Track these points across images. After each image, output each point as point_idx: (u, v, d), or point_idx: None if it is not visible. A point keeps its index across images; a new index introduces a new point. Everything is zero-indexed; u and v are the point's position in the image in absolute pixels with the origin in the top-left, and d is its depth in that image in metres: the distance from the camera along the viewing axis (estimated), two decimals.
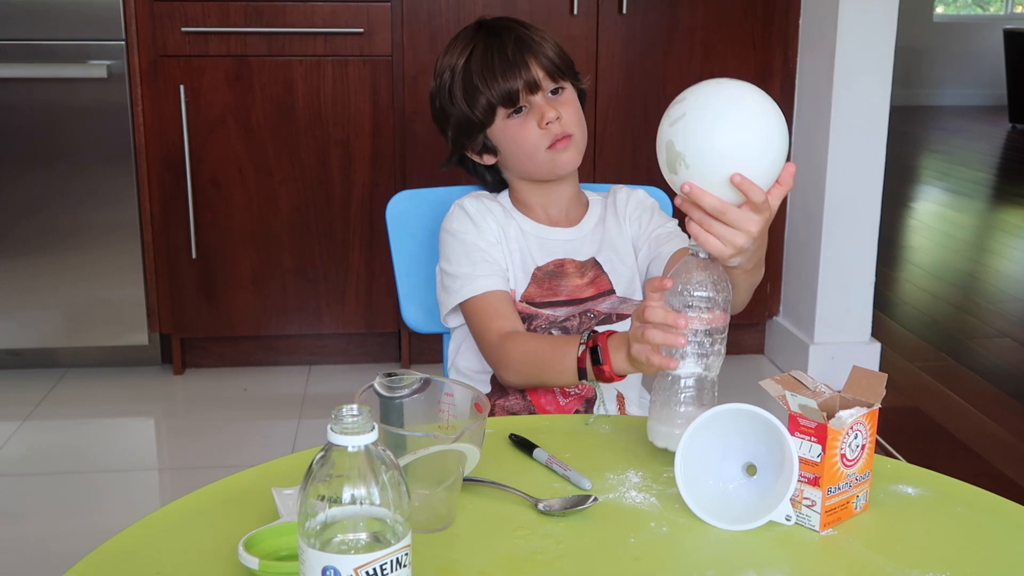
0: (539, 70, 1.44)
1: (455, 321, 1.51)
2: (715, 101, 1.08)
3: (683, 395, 1.10)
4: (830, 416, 0.97)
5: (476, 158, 1.52)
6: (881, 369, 3.09)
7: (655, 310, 1.08)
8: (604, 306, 1.48)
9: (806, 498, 0.98)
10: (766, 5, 2.94)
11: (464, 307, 1.45)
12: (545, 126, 1.43)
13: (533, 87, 1.44)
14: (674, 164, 1.08)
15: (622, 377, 1.24)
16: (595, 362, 1.24)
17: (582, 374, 1.27)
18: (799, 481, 0.97)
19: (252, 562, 0.85)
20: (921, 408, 2.95)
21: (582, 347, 1.26)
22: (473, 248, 1.46)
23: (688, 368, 1.09)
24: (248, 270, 2.97)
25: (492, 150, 1.50)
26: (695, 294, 1.08)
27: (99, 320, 2.94)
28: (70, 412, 2.83)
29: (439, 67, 1.51)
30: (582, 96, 1.52)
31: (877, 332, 3.14)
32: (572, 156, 1.47)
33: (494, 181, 1.56)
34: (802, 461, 0.97)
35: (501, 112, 1.45)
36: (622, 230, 1.53)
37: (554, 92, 1.46)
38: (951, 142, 8.25)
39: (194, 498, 1.02)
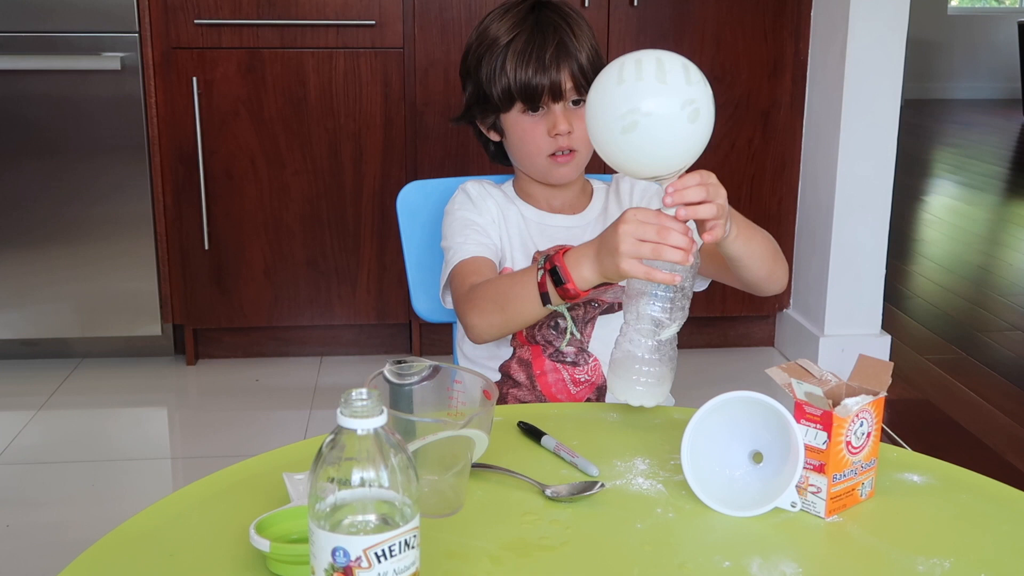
0: (568, 79, 1.43)
1: (451, 300, 1.51)
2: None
3: (645, 353, 1.13)
4: (836, 404, 0.98)
5: (483, 129, 1.54)
6: (891, 361, 3.10)
7: (674, 234, 1.10)
8: (608, 295, 1.48)
9: (811, 485, 0.98)
10: None
11: (451, 275, 1.45)
12: (554, 136, 1.44)
13: (557, 95, 1.44)
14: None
15: (587, 292, 1.23)
16: (557, 283, 1.22)
17: (545, 299, 1.24)
18: (804, 468, 0.98)
19: (263, 544, 0.86)
20: (931, 400, 2.94)
21: (540, 272, 1.24)
22: (468, 222, 1.47)
23: (644, 325, 1.13)
24: (260, 261, 2.98)
25: (501, 131, 1.51)
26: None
27: (113, 311, 2.96)
28: (84, 402, 2.85)
29: (484, 27, 1.49)
30: None
31: (888, 325, 3.14)
32: (569, 172, 1.48)
33: (497, 153, 1.57)
34: (808, 448, 0.98)
35: (518, 105, 1.45)
36: None
37: (575, 102, 1.46)
38: (965, 135, 8.21)
39: (206, 483, 1.04)
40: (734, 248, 1.25)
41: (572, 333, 1.45)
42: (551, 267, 1.23)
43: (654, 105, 1.08)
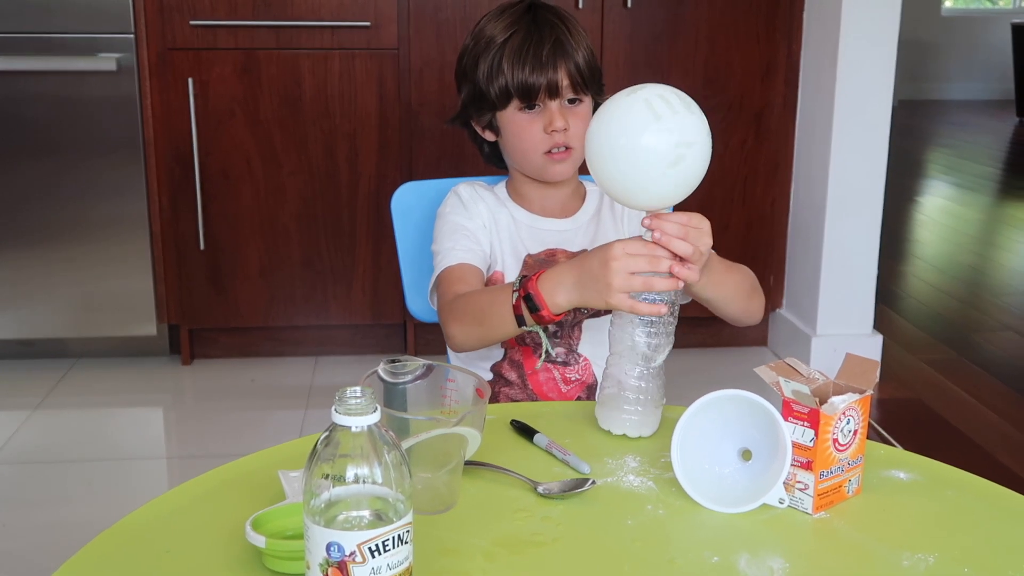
0: (565, 77, 1.45)
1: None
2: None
3: (632, 383, 1.15)
4: (823, 402, 1.00)
5: (479, 129, 1.55)
6: (884, 361, 3.12)
7: (666, 262, 1.13)
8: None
9: (799, 482, 1.00)
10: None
11: (438, 279, 1.47)
12: (550, 132, 1.45)
13: (554, 92, 1.45)
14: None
15: (562, 316, 1.25)
16: (531, 309, 1.24)
17: (520, 321, 1.26)
18: (792, 465, 1.00)
19: (259, 540, 0.87)
20: (923, 400, 2.96)
21: (515, 294, 1.25)
22: (457, 227, 1.49)
23: (630, 357, 1.15)
24: (256, 261, 2.99)
25: (496, 130, 1.52)
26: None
27: (108, 311, 2.97)
28: (80, 402, 2.86)
29: (480, 28, 1.51)
30: None
31: (881, 325, 3.16)
32: (566, 169, 1.49)
33: (491, 154, 1.58)
34: (795, 446, 1.00)
35: (515, 103, 1.47)
36: (618, 227, 1.54)
37: (571, 101, 1.47)
38: (958, 136, 8.24)
39: (202, 480, 1.05)
40: (706, 292, 1.29)
41: (548, 351, 1.46)
42: (526, 293, 1.24)
43: (694, 135, 1.13)
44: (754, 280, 1.39)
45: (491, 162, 1.59)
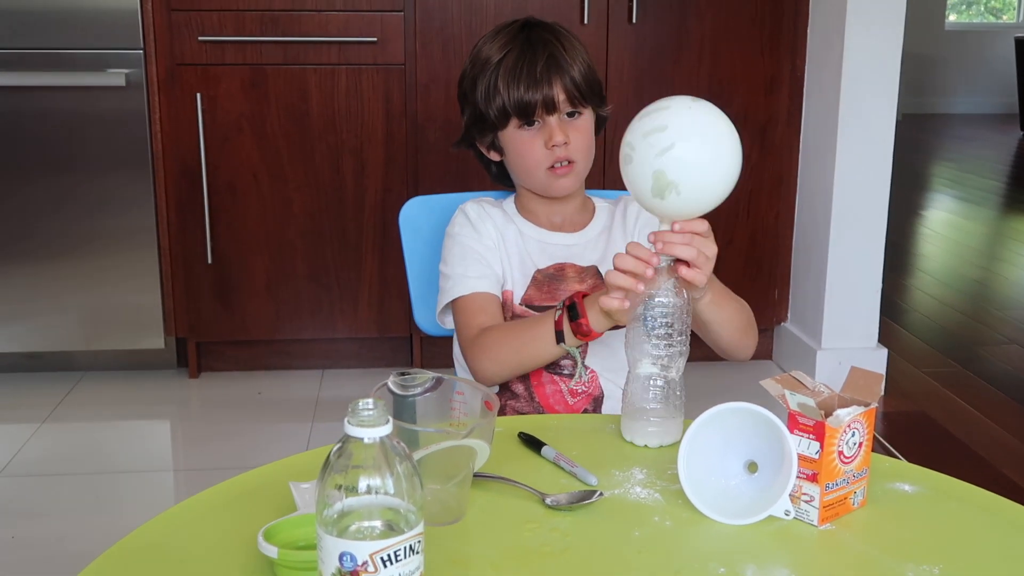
0: (561, 92, 1.46)
1: (449, 321, 1.55)
2: (702, 132, 1.15)
3: (651, 394, 1.18)
4: (828, 415, 1.01)
5: (483, 150, 1.57)
6: (888, 374, 3.12)
7: (625, 258, 1.16)
8: None
9: (804, 494, 1.01)
10: (774, 14, 2.98)
11: (453, 306, 1.49)
12: (551, 148, 1.47)
13: (551, 107, 1.46)
14: (663, 191, 1.15)
15: (600, 334, 1.30)
16: (572, 317, 1.29)
17: (559, 337, 1.30)
18: (798, 477, 1.01)
19: (271, 551, 0.88)
20: (928, 413, 2.97)
21: (559, 311, 1.31)
22: (469, 250, 1.50)
23: (647, 369, 1.18)
24: (263, 275, 3.01)
25: (500, 150, 1.54)
26: (656, 299, 1.17)
27: (116, 324, 2.98)
28: (87, 415, 2.87)
29: (477, 50, 1.53)
30: (601, 122, 1.55)
31: (885, 338, 3.17)
32: (570, 183, 1.51)
33: (499, 174, 1.60)
34: (801, 458, 1.01)
35: (514, 121, 1.48)
36: (628, 242, 1.56)
37: (570, 115, 1.49)
38: (962, 150, 8.25)
39: (214, 492, 1.06)
40: (706, 312, 1.33)
41: (581, 375, 1.49)
42: (570, 303, 1.29)
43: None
44: (751, 317, 1.43)
45: (499, 181, 1.61)
